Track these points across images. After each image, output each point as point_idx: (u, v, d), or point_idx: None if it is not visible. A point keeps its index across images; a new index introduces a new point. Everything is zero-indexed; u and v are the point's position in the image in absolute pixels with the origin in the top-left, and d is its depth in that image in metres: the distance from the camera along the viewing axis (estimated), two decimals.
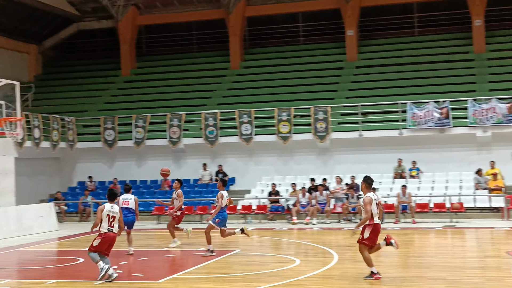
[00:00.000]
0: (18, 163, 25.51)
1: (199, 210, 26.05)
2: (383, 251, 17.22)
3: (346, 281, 12.37)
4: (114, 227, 13.01)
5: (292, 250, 17.83)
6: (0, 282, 12.82)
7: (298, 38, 36.23)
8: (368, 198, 12.27)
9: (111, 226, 13.00)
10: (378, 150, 27.87)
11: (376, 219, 12.28)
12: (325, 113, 27.76)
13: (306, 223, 23.90)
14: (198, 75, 34.87)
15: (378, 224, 12.39)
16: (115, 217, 13.04)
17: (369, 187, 12.48)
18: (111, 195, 13.29)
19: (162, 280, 12.82)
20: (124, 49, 36.25)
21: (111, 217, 13.00)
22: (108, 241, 12.96)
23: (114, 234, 13.08)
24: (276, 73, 33.67)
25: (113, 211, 13.05)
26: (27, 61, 37.67)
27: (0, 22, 34.27)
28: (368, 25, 34.98)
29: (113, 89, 35.54)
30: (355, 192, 24.53)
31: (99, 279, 12.65)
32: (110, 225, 13.00)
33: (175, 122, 29.33)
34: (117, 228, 13.11)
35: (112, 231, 13.00)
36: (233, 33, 34.71)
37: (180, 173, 29.71)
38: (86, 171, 30.72)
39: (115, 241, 13.19)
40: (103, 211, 13.00)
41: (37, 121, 27.71)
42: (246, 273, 13.46)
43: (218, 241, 20.73)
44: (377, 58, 33.37)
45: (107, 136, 30.19)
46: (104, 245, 12.93)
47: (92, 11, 37.00)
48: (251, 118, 28.43)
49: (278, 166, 29.04)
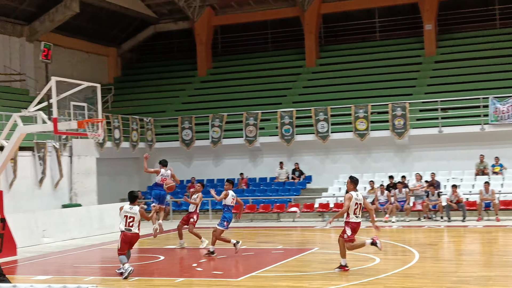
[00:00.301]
0: (99, 163, 26.16)
1: (276, 208, 26.04)
2: (465, 250, 16.77)
3: (428, 279, 12.06)
4: (132, 226, 13.30)
5: (371, 249, 17.48)
6: (84, 279, 13.12)
7: (375, 34, 35.72)
8: (348, 195, 12.98)
9: (129, 226, 13.32)
10: (459, 146, 27.16)
11: (353, 217, 12.96)
12: (403, 110, 27.26)
13: (385, 221, 23.52)
14: (273, 74, 34.87)
15: (356, 222, 13.04)
16: (133, 217, 13.31)
17: (355, 186, 13.13)
18: (131, 197, 13.56)
19: (242, 278, 12.84)
20: (200, 50, 36.63)
21: (129, 218, 13.31)
22: (127, 241, 13.35)
23: (132, 234, 13.34)
24: (353, 69, 33.29)
25: (131, 212, 13.34)
26: (107, 64, 38.61)
27: (81, 27, 35.25)
28: (447, 19, 34.15)
29: (190, 89, 35.97)
30: (435, 190, 23.98)
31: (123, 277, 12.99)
32: (128, 225, 13.32)
33: (251, 121, 29.42)
34: (136, 228, 13.34)
35: (130, 231, 13.29)
36: (309, 31, 34.54)
37: (257, 171, 29.85)
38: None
39: (135, 240, 13.49)
40: (121, 212, 13.40)
41: (117, 122, 28.33)
42: (325, 271, 13.33)
43: (296, 239, 20.69)
44: (456, 52, 32.51)
45: (184, 135, 30.57)
46: (125, 246, 13.36)
47: (168, 13, 37.58)
48: (327, 116, 28.20)
49: (355, 164, 28.70)
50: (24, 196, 22.43)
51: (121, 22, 37.32)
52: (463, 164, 26.67)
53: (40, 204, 22.94)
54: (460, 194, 23.72)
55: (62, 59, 33.49)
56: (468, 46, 32.59)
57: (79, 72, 34.36)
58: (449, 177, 26.46)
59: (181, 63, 38.41)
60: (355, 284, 11.71)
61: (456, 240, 19.02)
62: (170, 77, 37.24)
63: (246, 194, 28.11)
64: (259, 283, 12.29)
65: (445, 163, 26.96)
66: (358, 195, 13.06)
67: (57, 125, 16.25)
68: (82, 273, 14.05)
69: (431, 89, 30.22)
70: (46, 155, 23.20)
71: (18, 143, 17.59)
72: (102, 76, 37.62)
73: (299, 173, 28.75)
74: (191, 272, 13.74)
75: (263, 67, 35.66)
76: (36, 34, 31.70)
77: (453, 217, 23.20)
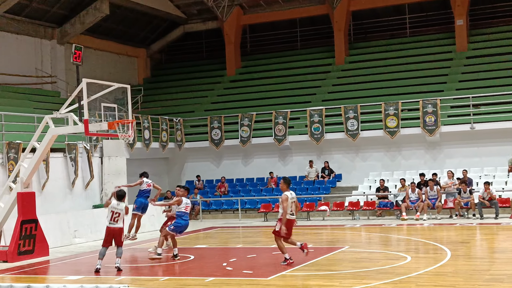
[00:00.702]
0: (130, 164, 26.33)
1: (305, 207, 25.95)
2: (498, 248, 16.53)
3: (460, 278, 11.90)
4: (117, 222, 14.46)
5: (402, 247, 17.40)
6: (115, 279, 13.21)
7: (405, 30, 35.40)
8: (285, 196, 13.83)
9: (114, 221, 14.43)
10: (491, 143, 26.80)
11: (289, 215, 13.85)
12: (434, 106, 26.99)
13: (416, 219, 23.31)
14: (302, 72, 34.79)
15: (291, 220, 13.97)
16: (119, 213, 14.44)
17: (288, 186, 14.08)
18: (119, 196, 14.61)
19: (272, 277, 12.80)
20: (229, 49, 36.68)
21: (115, 213, 14.43)
22: (111, 234, 14.44)
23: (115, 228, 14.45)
24: (382, 66, 33.07)
25: (118, 208, 14.44)
26: (137, 65, 38.87)
27: (111, 28, 35.55)
28: (478, 14, 33.72)
29: (219, 89, 36.05)
30: (467, 187, 23.69)
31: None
32: (113, 220, 14.43)
33: (280, 119, 29.38)
34: (120, 223, 14.48)
35: (114, 225, 14.44)
36: (338, 28, 34.37)
37: (286, 170, 29.79)
38: (194, 170, 31.31)
39: (118, 233, 14.46)
40: (108, 207, 14.54)
41: (147, 123, 28.49)
42: (356, 270, 13.23)
43: (325, 237, 20.60)
44: (488, 48, 32.10)
45: (213, 135, 30.64)
46: (108, 239, 14.48)
47: (197, 13, 37.70)
48: (357, 114, 28.05)
49: (386, 162, 28.50)
50: (56, 197, 22.68)
51: (151, 23, 37.55)
52: (495, 161, 26.32)
53: (72, 205, 23.17)
54: (493, 191, 23.39)
55: (92, 61, 33.83)
56: (500, 41, 32.14)
57: (109, 73, 34.67)
58: (481, 174, 26.12)
59: (210, 63, 38.51)
60: (386, 283, 11.60)
61: (489, 237, 18.75)
62: (199, 77, 37.36)
63: (276, 193, 28.06)
64: (289, 282, 12.25)
65: (477, 159, 26.65)
66: (292, 193, 14.07)
67: (88, 127, 16.37)
68: (113, 273, 14.14)
69: (463, 85, 29.87)
70: (77, 156, 23.44)
71: (50, 145, 17.78)
72: (132, 77, 37.90)
73: (328, 171, 28.63)
74: (221, 272, 13.74)
75: (292, 66, 35.59)
76: (67, 37, 32.08)
77: (485, 215, 22.90)
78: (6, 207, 17.80)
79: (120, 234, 14.56)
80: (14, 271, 15.22)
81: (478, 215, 22.93)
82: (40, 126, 18.04)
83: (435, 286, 11.37)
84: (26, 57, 30.98)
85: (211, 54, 39.31)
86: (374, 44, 35.31)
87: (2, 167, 20.75)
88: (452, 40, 32.82)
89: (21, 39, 30.75)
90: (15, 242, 16.98)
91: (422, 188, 24.38)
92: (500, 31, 32.92)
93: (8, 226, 17.93)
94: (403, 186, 25.24)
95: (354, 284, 11.68)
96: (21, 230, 17.14)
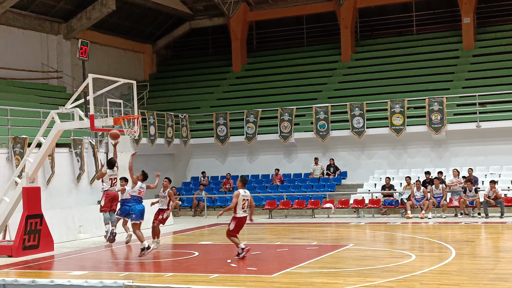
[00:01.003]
0: (135, 159, 26.07)
1: (310, 205, 25.93)
2: (503, 247, 16.49)
3: (465, 276, 11.88)
4: (116, 185, 17.57)
5: (407, 245, 17.38)
6: (120, 275, 13.23)
7: (412, 28, 35.30)
8: (236, 193, 14.55)
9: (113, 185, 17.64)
10: (497, 141, 26.72)
11: (240, 212, 14.53)
12: (440, 104, 26.92)
13: (421, 217, 23.27)
14: (308, 69, 34.73)
15: (242, 217, 14.64)
16: (116, 177, 17.49)
17: (243, 185, 14.79)
18: (109, 164, 17.80)
19: (276, 274, 12.79)
20: (235, 46, 36.64)
21: (113, 179, 17.51)
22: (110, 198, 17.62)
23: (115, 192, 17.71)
24: (389, 64, 32.97)
25: (114, 174, 17.43)
26: (142, 61, 38.87)
27: (117, 24, 35.56)
28: (485, 12, 33.59)
29: (225, 85, 36.03)
30: (473, 185, 23.62)
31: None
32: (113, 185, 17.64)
33: (286, 116, 29.35)
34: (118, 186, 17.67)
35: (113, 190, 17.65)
36: (344, 25, 34.29)
37: (291, 167, 29.78)
38: (199, 166, 31.33)
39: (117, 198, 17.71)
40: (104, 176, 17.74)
41: (153, 119, 28.51)
42: (360, 268, 13.21)
43: (330, 235, 20.58)
44: (495, 46, 31.97)
45: (219, 132, 30.63)
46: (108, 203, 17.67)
47: (204, 9, 37.67)
48: (363, 111, 28.00)
49: (391, 160, 28.46)
50: (62, 192, 22.70)
51: (157, 19, 37.54)
52: (501, 159, 26.25)
53: (77, 200, 23.19)
54: (499, 190, 23.32)
55: (98, 57, 33.84)
56: (508, 39, 31.99)
57: (115, 69, 34.65)
58: (487, 173, 26.05)
59: (216, 59, 38.49)
60: (391, 281, 11.59)
61: (494, 236, 18.71)
62: (205, 73, 37.34)
63: (281, 190, 28.09)
64: (294, 280, 12.24)
65: (483, 158, 26.58)
66: (246, 191, 14.68)
67: (94, 122, 16.41)
68: (118, 268, 14.16)
69: (469, 83, 29.78)
70: (83, 151, 23.46)
71: (55, 140, 17.81)
72: (138, 73, 37.90)
73: (334, 169, 28.60)
74: (225, 268, 13.75)
75: (298, 63, 35.53)
76: (73, 32, 32.09)
77: (491, 214, 22.84)
78: (11, 202, 17.86)
79: (117, 198, 17.49)
80: (19, 266, 15.26)
81: (484, 213, 22.87)
82: (46, 121, 18.08)
83: (439, 284, 11.34)
84: (32, 52, 31.00)
85: (217, 50, 39.28)
86: (380, 42, 35.22)
87: (8, 161, 20.78)
88: (459, 38, 32.71)
89: (27, 34, 30.77)
90: (20, 237, 17.01)
91: (428, 186, 24.32)
92: (507, 29, 32.77)
93: (13, 221, 17.99)
94: (408, 184, 25.19)
95: (359, 282, 11.66)
96: (26, 225, 17.18)
